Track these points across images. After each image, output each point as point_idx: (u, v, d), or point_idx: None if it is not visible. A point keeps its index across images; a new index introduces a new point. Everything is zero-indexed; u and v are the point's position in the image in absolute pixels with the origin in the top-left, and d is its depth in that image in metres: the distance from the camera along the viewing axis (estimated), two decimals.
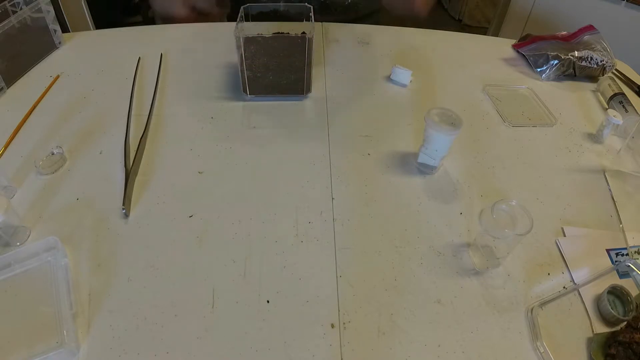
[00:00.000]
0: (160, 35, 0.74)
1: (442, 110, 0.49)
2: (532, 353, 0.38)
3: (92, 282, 0.40)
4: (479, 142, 0.58)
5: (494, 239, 0.40)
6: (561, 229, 0.48)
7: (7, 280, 0.40)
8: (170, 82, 0.64)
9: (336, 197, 0.49)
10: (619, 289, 0.41)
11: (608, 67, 0.69)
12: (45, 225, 0.45)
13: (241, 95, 0.62)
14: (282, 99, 0.62)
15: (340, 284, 0.41)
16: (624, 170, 0.55)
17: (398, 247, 0.45)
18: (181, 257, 0.43)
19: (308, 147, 0.55)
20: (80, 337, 0.37)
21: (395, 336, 0.38)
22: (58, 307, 0.37)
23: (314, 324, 0.38)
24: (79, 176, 0.50)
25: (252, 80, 0.59)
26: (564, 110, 0.64)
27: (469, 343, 0.38)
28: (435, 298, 0.41)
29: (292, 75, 0.59)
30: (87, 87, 0.62)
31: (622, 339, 0.37)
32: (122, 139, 0.54)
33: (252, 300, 0.40)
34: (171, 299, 0.40)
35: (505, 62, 0.74)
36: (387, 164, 0.54)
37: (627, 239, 0.47)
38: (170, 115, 0.58)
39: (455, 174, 0.53)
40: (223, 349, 0.37)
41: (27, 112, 0.57)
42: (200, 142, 0.55)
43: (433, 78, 0.68)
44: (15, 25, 0.60)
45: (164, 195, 0.48)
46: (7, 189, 0.47)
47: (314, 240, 0.45)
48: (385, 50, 0.73)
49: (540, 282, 0.43)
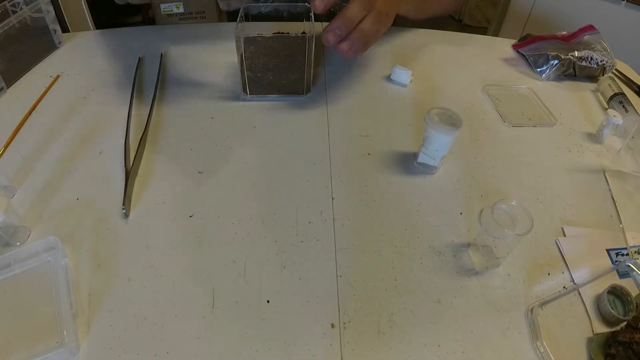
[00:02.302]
0: (160, 35, 0.74)
1: (442, 110, 0.49)
2: (532, 353, 0.38)
3: (92, 282, 0.40)
4: (479, 142, 0.58)
5: (494, 239, 0.40)
6: (561, 229, 0.48)
7: (7, 280, 0.40)
8: (170, 82, 0.64)
9: (336, 197, 0.49)
10: (619, 289, 0.41)
11: (608, 67, 0.69)
12: (45, 225, 0.45)
13: (241, 95, 0.62)
14: (282, 98, 0.62)
15: (340, 284, 0.41)
16: (624, 170, 0.55)
17: (398, 247, 0.45)
18: (181, 257, 0.43)
19: (308, 147, 0.55)
20: (80, 337, 0.37)
21: (395, 336, 0.38)
22: (58, 307, 0.37)
23: (314, 324, 0.39)
24: (79, 176, 0.50)
25: (252, 80, 0.59)
26: (564, 110, 0.64)
27: (469, 343, 0.38)
28: (435, 298, 0.41)
29: (292, 75, 0.59)
30: (87, 87, 0.62)
31: (622, 339, 0.37)
32: (122, 139, 0.54)
33: (252, 300, 0.40)
34: (171, 299, 0.40)
35: (505, 62, 0.74)
36: (387, 164, 0.54)
37: (627, 239, 0.47)
38: (170, 115, 0.58)
39: (455, 174, 0.53)
40: (223, 349, 0.37)
41: (27, 112, 0.57)
42: (200, 142, 0.55)
43: (433, 78, 0.68)
44: (15, 25, 0.60)
45: (164, 195, 0.48)
46: (7, 189, 0.47)
47: (314, 240, 0.45)
48: (385, 50, 0.73)
49: (540, 282, 0.43)
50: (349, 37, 0.53)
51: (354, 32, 0.53)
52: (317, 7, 0.50)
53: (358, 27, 0.53)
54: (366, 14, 0.53)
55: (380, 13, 0.54)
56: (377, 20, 0.54)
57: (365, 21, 0.53)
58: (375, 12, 0.53)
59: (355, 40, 0.53)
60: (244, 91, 0.61)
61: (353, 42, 0.53)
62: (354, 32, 0.53)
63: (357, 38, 0.53)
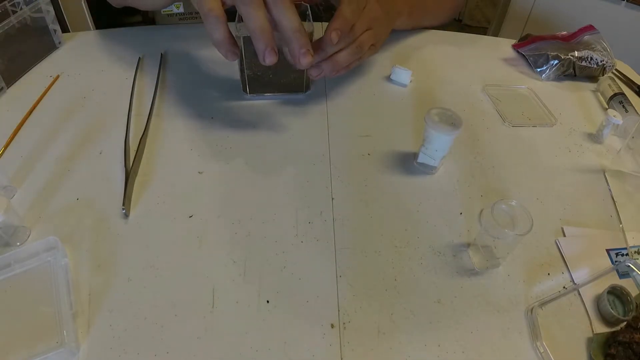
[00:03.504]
0: (160, 35, 0.74)
1: (442, 110, 0.49)
2: (532, 353, 0.38)
3: (92, 282, 0.40)
4: (479, 142, 0.58)
5: (494, 239, 0.40)
6: (561, 229, 0.48)
7: (7, 280, 0.40)
8: (170, 82, 0.64)
9: (336, 197, 0.49)
10: (619, 289, 0.41)
11: (608, 67, 0.69)
12: (45, 225, 0.45)
13: (241, 94, 0.62)
14: (282, 98, 0.62)
15: (340, 284, 0.41)
16: (624, 170, 0.55)
17: (398, 247, 0.45)
18: (181, 257, 0.43)
19: (308, 147, 0.55)
20: (80, 337, 0.37)
21: (395, 336, 0.38)
22: (58, 307, 0.37)
23: (313, 324, 0.39)
24: (79, 176, 0.50)
25: (253, 79, 0.59)
26: (564, 110, 0.64)
27: (469, 343, 0.38)
28: (435, 298, 0.41)
29: (292, 73, 0.59)
30: (87, 87, 0.62)
31: (622, 339, 0.37)
32: (122, 139, 0.54)
33: (252, 300, 0.40)
34: (171, 299, 0.40)
35: (505, 62, 0.74)
36: (387, 164, 0.54)
37: (627, 239, 0.47)
38: (170, 115, 0.58)
39: (455, 174, 0.53)
40: (223, 349, 0.37)
41: (27, 112, 0.57)
42: (200, 142, 0.55)
43: (433, 78, 0.68)
44: (15, 25, 0.60)
45: (164, 195, 0.48)
46: (7, 189, 0.47)
47: (314, 240, 0.45)
48: (385, 50, 0.73)
49: (540, 282, 0.43)
50: (320, 64, 0.52)
51: (328, 62, 0.52)
52: (333, 40, 0.49)
53: (333, 58, 0.52)
54: (345, 47, 0.52)
55: (361, 46, 0.54)
56: (355, 53, 0.54)
57: (342, 53, 0.53)
58: (356, 45, 0.53)
59: (326, 69, 0.52)
60: (243, 90, 0.61)
61: (323, 69, 0.52)
62: (328, 61, 0.52)
63: (328, 68, 0.53)
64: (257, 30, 0.43)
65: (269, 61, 0.44)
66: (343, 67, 0.54)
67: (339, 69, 0.54)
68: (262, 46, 0.44)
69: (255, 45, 0.44)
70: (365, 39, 0.54)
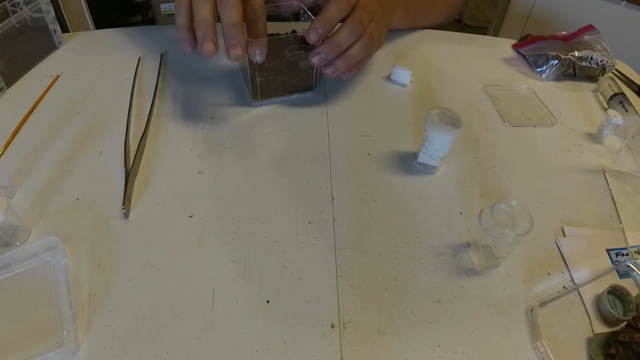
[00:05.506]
0: (160, 35, 0.74)
1: (442, 110, 0.49)
2: (532, 353, 0.38)
3: (92, 282, 0.40)
4: (479, 142, 0.58)
5: (494, 239, 0.40)
6: (561, 229, 0.48)
7: (7, 280, 0.40)
8: (170, 82, 0.64)
9: (336, 197, 0.49)
10: (619, 289, 0.41)
11: (608, 67, 0.69)
12: (45, 225, 0.45)
13: (241, 95, 0.62)
14: (292, 99, 0.62)
15: (340, 284, 0.41)
16: (624, 170, 0.55)
17: (398, 247, 0.45)
18: (181, 257, 0.43)
19: (308, 147, 0.55)
20: (80, 337, 0.37)
21: (395, 336, 0.38)
22: (58, 307, 0.37)
23: (313, 324, 0.39)
24: (79, 176, 0.50)
25: (264, 84, 0.58)
26: (564, 110, 0.64)
27: (469, 343, 0.38)
28: (435, 298, 0.41)
29: (302, 73, 0.60)
30: (87, 87, 0.62)
31: (622, 339, 0.37)
32: (122, 139, 0.54)
33: (252, 300, 0.40)
34: (171, 299, 0.40)
35: (505, 62, 0.74)
36: (387, 164, 0.54)
37: (627, 239, 0.47)
38: (170, 115, 0.58)
39: (455, 174, 0.53)
40: (223, 349, 0.37)
41: (27, 112, 0.57)
42: (200, 142, 0.55)
43: (433, 78, 0.68)
44: (15, 25, 0.60)
45: (164, 195, 0.48)
46: (7, 189, 0.47)
47: (314, 240, 0.45)
48: (385, 50, 0.73)
49: (540, 282, 0.43)
50: (334, 62, 0.53)
51: (342, 59, 0.53)
52: (312, 39, 0.50)
53: (347, 54, 0.53)
54: (356, 40, 0.52)
55: (371, 37, 0.54)
56: (367, 46, 0.54)
57: (355, 47, 0.53)
58: (367, 36, 0.53)
59: (341, 66, 0.53)
60: (253, 98, 0.60)
61: (339, 67, 0.53)
62: (342, 58, 0.53)
63: (344, 65, 0.53)
64: (199, 22, 0.47)
65: (205, 50, 0.47)
66: (356, 62, 0.55)
67: (352, 65, 0.54)
68: (201, 36, 0.47)
69: (197, 34, 0.48)
70: (372, 30, 0.54)
